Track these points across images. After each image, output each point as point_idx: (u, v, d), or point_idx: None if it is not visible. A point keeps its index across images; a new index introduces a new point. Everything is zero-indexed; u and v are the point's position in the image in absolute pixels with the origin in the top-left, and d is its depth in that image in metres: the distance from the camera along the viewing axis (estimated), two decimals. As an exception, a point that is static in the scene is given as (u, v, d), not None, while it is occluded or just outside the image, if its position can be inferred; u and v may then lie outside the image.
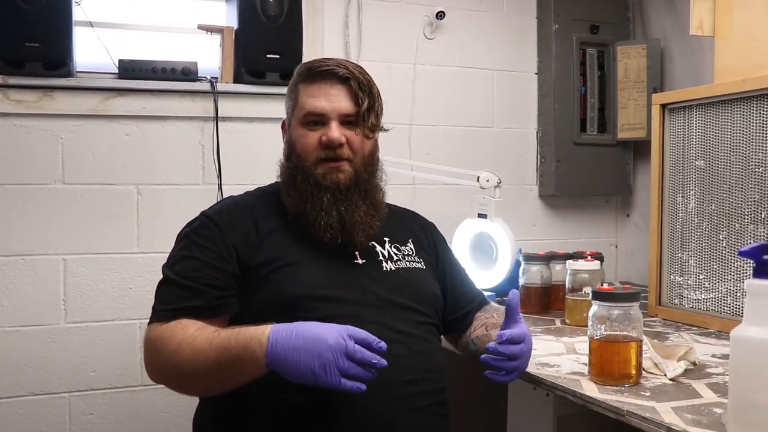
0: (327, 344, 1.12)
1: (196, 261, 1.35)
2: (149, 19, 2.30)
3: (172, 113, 2.18)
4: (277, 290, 1.33)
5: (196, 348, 1.22)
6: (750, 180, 1.73)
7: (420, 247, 1.55)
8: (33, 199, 2.06)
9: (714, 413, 1.13)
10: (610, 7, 2.65)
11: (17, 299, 2.05)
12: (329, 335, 1.13)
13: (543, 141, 2.64)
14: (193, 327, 1.26)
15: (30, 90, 2.03)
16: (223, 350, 1.19)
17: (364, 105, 1.41)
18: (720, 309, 1.81)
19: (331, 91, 1.41)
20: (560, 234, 2.70)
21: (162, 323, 1.29)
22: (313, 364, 1.11)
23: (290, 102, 1.48)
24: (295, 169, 1.43)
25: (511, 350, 1.25)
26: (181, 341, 1.24)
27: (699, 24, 1.91)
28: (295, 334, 1.14)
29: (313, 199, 1.39)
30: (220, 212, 1.42)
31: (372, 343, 1.14)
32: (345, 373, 1.12)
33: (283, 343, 1.14)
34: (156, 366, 1.30)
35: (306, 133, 1.42)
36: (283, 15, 2.17)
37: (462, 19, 2.55)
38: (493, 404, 1.88)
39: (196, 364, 1.21)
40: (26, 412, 2.05)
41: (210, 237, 1.37)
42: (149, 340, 1.30)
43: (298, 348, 1.13)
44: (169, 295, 1.33)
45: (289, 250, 1.38)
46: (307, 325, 1.17)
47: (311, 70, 1.44)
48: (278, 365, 1.14)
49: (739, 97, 1.76)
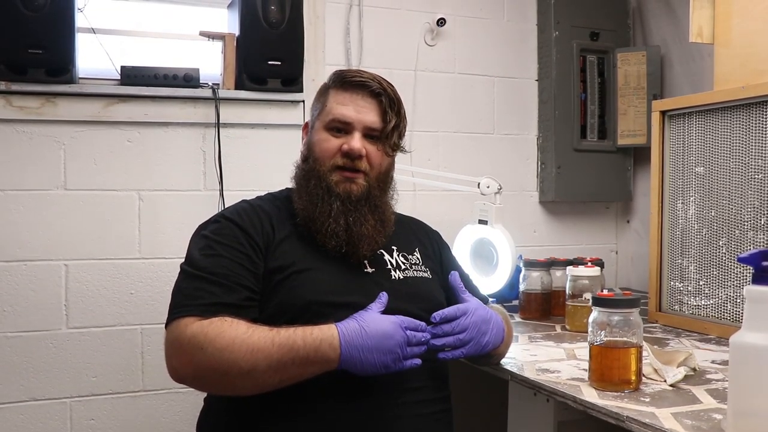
0: (395, 341, 1.22)
1: (225, 259, 1.32)
2: (151, 25, 2.31)
3: (173, 119, 2.19)
4: (292, 296, 1.33)
5: (254, 345, 1.20)
6: (749, 186, 1.73)
7: (426, 256, 1.56)
8: (35, 205, 2.06)
9: (714, 419, 1.13)
10: (610, 14, 2.66)
11: (19, 304, 2.05)
12: (394, 331, 1.23)
13: (543, 147, 2.65)
14: (242, 324, 1.23)
15: (32, 96, 2.03)
16: (288, 349, 1.19)
17: (391, 123, 1.43)
18: (720, 315, 1.81)
19: (360, 102, 1.42)
20: (560, 240, 2.71)
21: (199, 318, 1.25)
22: (386, 360, 1.22)
23: (317, 105, 1.48)
24: (310, 172, 1.43)
25: (444, 329, 1.30)
26: (234, 337, 1.20)
27: (699, 31, 1.91)
28: (365, 334, 1.22)
29: (322, 205, 1.39)
30: (239, 213, 1.41)
31: (418, 327, 1.27)
32: (406, 357, 1.24)
33: (356, 345, 1.21)
34: (198, 363, 1.22)
35: (328, 138, 1.43)
36: (285, 22, 2.17)
37: (462, 26, 2.56)
38: (495, 410, 1.88)
39: (255, 362, 1.19)
40: (28, 418, 2.05)
41: (235, 237, 1.36)
42: (184, 337, 1.23)
43: (370, 348, 1.21)
44: (198, 290, 1.29)
45: (302, 257, 1.38)
46: (372, 323, 1.23)
47: (345, 79, 1.44)
48: (351, 365, 1.22)
49: (738, 104, 1.76)
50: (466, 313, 1.33)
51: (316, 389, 1.25)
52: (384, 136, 1.43)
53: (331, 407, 1.28)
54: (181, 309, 1.28)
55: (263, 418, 1.29)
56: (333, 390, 1.27)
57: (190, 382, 1.28)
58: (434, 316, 1.31)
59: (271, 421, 1.29)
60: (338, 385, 1.26)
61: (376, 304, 1.28)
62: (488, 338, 1.35)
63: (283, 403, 1.27)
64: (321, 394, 1.27)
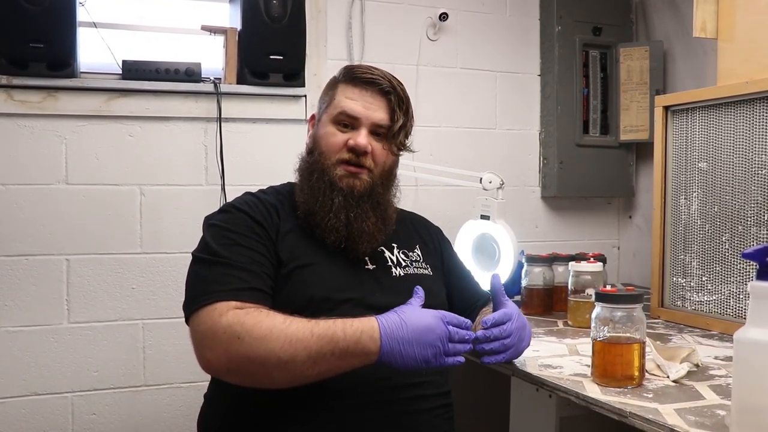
0: (436, 334, 1.19)
1: (244, 248, 1.31)
2: (153, 19, 2.30)
3: (175, 114, 2.18)
4: (297, 290, 1.33)
5: (293, 335, 1.17)
6: (753, 182, 1.73)
7: (427, 253, 1.56)
8: (36, 200, 2.06)
9: (717, 415, 1.13)
10: (612, 8, 2.65)
11: (20, 299, 2.05)
12: (435, 325, 1.20)
13: (545, 142, 2.64)
14: (278, 315, 1.21)
15: (34, 90, 2.03)
16: (328, 340, 1.17)
17: (398, 122, 1.43)
18: (723, 311, 1.81)
19: (369, 98, 1.42)
20: (563, 235, 2.70)
21: (233, 304, 1.22)
22: (427, 354, 1.19)
23: (326, 98, 1.48)
24: (314, 165, 1.43)
25: (494, 333, 1.28)
26: (272, 327, 1.18)
27: (702, 26, 1.91)
28: (405, 327, 1.19)
29: (323, 199, 1.39)
30: (249, 205, 1.40)
31: (462, 324, 1.23)
32: (448, 353, 1.21)
33: (396, 338, 1.18)
34: (235, 354, 1.18)
35: (334, 132, 1.42)
36: (287, 16, 2.17)
37: (465, 21, 2.55)
38: (496, 406, 1.88)
39: (295, 353, 1.16)
40: (29, 412, 2.05)
41: (249, 227, 1.35)
42: (220, 326, 1.19)
43: (410, 341, 1.18)
44: (226, 276, 1.26)
45: (305, 251, 1.38)
46: (412, 316, 1.21)
47: (355, 74, 1.44)
48: (391, 358, 1.19)
49: (742, 100, 1.76)
50: (510, 319, 1.31)
51: (317, 384, 1.25)
52: (391, 135, 1.43)
53: (332, 402, 1.28)
54: (210, 295, 1.23)
55: (263, 413, 1.29)
56: (334, 385, 1.26)
57: (225, 374, 1.24)
58: (485, 321, 1.30)
59: (271, 417, 1.29)
60: (339, 380, 1.26)
61: (415, 299, 1.27)
62: (525, 343, 1.37)
63: (282, 398, 1.26)
64: (322, 389, 1.26)
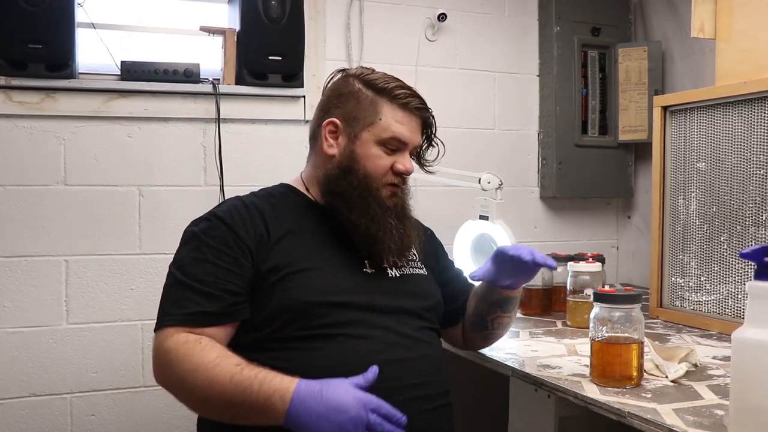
0: (349, 416, 1.14)
1: (210, 265, 1.31)
2: (151, 20, 2.30)
3: (174, 115, 2.18)
4: (289, 297, 1.32)
5: (213, 378, 1.19)
6: (751, 182, 1.73)
7: (422, 253, 1.56)
8: (35, 201, 2.06)
9: (715, 415, 1.13)
10: (611, 9, 2.65)
11: (19, 300, 2.05)
12: (352, 408, 1.15)
13: (544, 143, 2.64)
14: (213, 351, 1.23)
15: (32, 91, 2.03)
16: (242, 391, 1.18)
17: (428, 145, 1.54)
18: (721, 311, 1.81)
19: (413, 123, 1.47)
20: (561, 236, 2.70)
21: (177, 329, 1.27)
22: None
23: (364, 113, 1.43)
24: (359, 187, 1.41)
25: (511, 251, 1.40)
26: (199, 364, 1.21)
27: (700, 26, 1.91)
28: (320, 400, 1.15)
29: (381, 221, 1.41)
30: (231, 213, 1.38)
31: (393, 417, 1.17)
32: None
33: (307, 407, 1.15)
34: (166, 378, 1.27)
35: (381, 155, 1.43)
36: (285, 17, 2.17)
37: (463, 21, 2.55)
38: (496, 406, 1.88)
39: (210, 395, 1.20)
40: (28, 413, 2.05)
41: (223, 239, 1.34)
42: (162, 349, 1.26)
43: (320, 415, 1.15)
44: (182, 299, 1.30)
45: (299, 257, 1.36)
46: (331, 391, 1.17)
47: (397, 97, 1.44)
48: (296, 427, 1.16)
49: (740, 100, 1.76)
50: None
51: None
52: (423, 156, 1.54)
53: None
54: (163, 317, 1.30)
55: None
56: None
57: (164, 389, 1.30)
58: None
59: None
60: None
61: (359, 378, 1.21)
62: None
63: None
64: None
